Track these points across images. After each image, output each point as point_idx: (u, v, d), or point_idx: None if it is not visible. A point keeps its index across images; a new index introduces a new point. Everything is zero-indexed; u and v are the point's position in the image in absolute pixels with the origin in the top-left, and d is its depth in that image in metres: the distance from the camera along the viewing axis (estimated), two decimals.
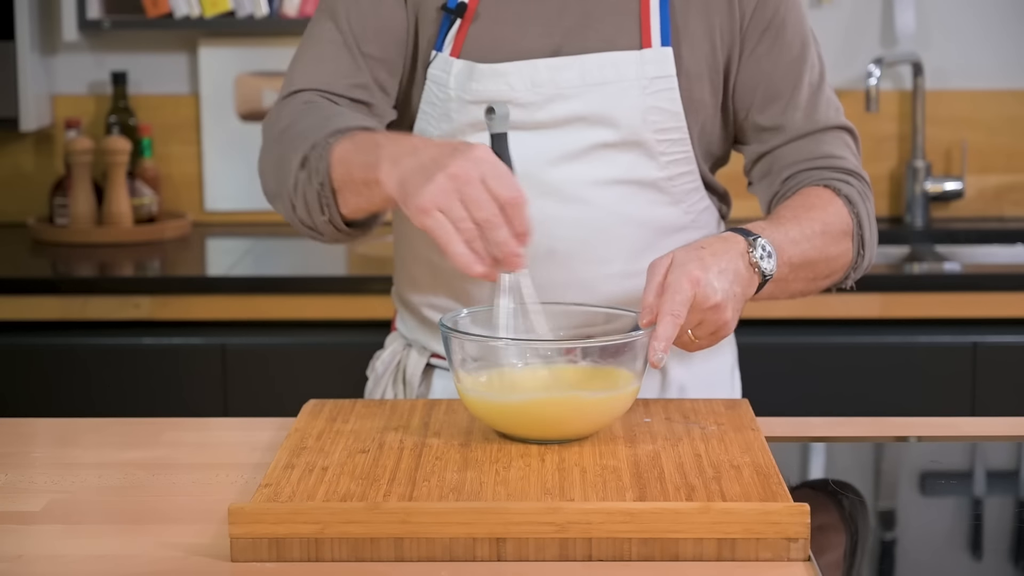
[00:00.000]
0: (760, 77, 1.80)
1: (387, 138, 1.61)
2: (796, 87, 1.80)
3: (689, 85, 1.77)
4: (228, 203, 3.49)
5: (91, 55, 3.47)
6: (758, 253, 1.62)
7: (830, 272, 1.75)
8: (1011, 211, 3.49)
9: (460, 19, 1.76)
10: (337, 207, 1.65)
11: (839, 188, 1.76)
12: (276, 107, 1.80)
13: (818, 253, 1.71)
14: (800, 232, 1.69)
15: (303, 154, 1.66)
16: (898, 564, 1.40)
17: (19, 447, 1.69)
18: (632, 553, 1.35)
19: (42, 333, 2.90)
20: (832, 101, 1.84)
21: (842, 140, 1.82)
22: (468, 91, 1.75)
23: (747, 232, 1.64)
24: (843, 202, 1.75)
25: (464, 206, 1.48)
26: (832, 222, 1.73)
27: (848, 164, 1.80)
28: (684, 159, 1.79)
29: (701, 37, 1.77)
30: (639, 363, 1.54)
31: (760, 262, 1.62)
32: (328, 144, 1.64)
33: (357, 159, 1.60)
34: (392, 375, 1.92)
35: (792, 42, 1.80)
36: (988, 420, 1.80)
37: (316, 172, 1.64)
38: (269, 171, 1.75)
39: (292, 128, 1.72)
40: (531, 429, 1.53)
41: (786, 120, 1.80)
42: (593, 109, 1.75)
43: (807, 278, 1.73)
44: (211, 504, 1.48)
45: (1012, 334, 2.87)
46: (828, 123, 1.81)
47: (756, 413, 1.66)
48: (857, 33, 3.46)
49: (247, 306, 2.90)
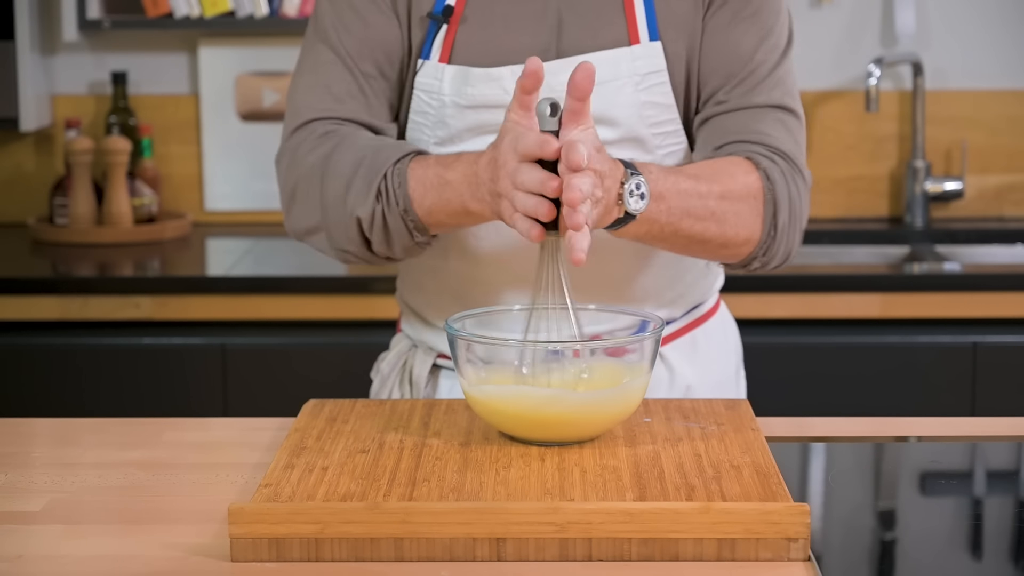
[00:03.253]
0: (717, 45, 1.77)
1: (449, 171, 1.66)
2: (748, 61, 1.77)
3: (675, 70, 1.76)
4: (228, 203, 3.49)
5: (91, 55, 3.47)
6: (629, 188, 1.58)
7: (723, 242, 1.70)
8: (1011, 211, 3.49)
9: (446, 24, 1.76)
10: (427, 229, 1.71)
11: (759, 162, 1.72)
12: (289, 142, 1.79)
13: (708, 214, 1.67)
14: (694, 188, 1.66)
15: (375, 190, 1.69)
16: (898, 564, 1.40)
17: (19, 447, 1.69)
18: (632, 553, 1.35)
19: (42, 333, 2.90)
20: (785, 82, 1.79)
21: (783, 121, 1.78)
22: (463, 96, 1.75)
23: (634, 168, 1.60)
24: (760, 176, 1.71)
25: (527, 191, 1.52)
26: (735, 189, 1.69)
27: (780, 144, 1.75)
28: (680, 150, 1.79)
29: (683, 18, 1.76)
30: (645, 363, 1.54)
31: (627, 197, 1.58)
32: (402, 172, 1.68)
33: (435, 199, 1.67)
34: (398, 376, 1.92)
35: (754, 16, 1.77)
36: (988, 420, 1.80)
37: (397, 202, 1.68)
38: (306, 208, 1.76)
39: (333, 166, 1.73)
40: (536, 431, 1.53)
41: (732, 93, 1.77)
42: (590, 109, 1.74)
43: (690, 236, 1.68)
44: (211, 504, 1.48)
45: (1012, 334, 2.87)
46: (771, 101, 1.77)
47: (756, 413, 1.66)
48: (857, 33, 3.46)
49: (247, 306, 2.90)
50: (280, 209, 1.81)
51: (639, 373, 1.54)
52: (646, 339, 1.54)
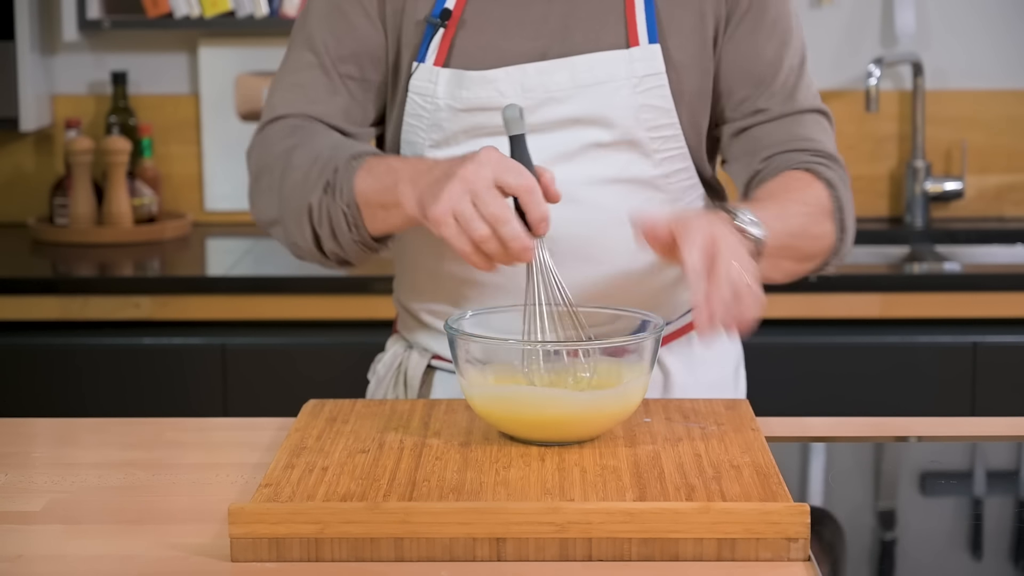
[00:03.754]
0: (742, 59, 1.79)
1: (402, 162, 1.66)
2: (777, 69, 1.79)
3: (678, 78, 1.76)
4: (228, 203, 3.49)
5: (91, 55, 3.47)
6: (742, 220, 1.60)
7: (813, 253, 1.74)
8: (1011, 211, 3.49)
9: (444, 28, 1.76)
10: (366, 229, 1.69)
11: (819, 171, 1.75)
12: (260, 135, 1.81)
13: (803, 230, 1.70)
14: (783, 210, 1.68)
15: (325, 180, 1.69)
16: (898, 564, 1.40)
17: (19, 447, 1.69)
18: (632, 553, 1.35)
19: (42, 333, 2.90)
20: (811, 84, 1.83)
21: (820, 123, 1.81)
22: (458, 99, 1.75)
23: (726, 208, 1.62)
24: (823, 185, 1.75)
25: (477, 205, 1.51)
26: (813, 203, 1.73)
27: (827, 147, 1.79)
28: (679, 156, 1.79)
29: (690, 27, 1.77)
30: (645, 364, 1.54)
31: (747, 228, 1.60)
32: (352, 167, 1.68)
33: (376, 185, 1.65)
34: (393, 377, 1.92)
35: (774, 24, 1.79)
36: (988, 420, 1.80)
37: (342, 194, 1.67)
38: (268, 198, 1.77)
39: (295, 157, 1.73)
40: (536, 432, 1.53)
41: (766, 102, 1.79)
42: (586, 111, 1.75)
43: (793, 257, 1.71)
44: (211, 504, 1.48)
45: (1012, 334, 2.87)
46: (807, 105, 1.81)
47: (756, 413, 1.66)
48: (857, 33, 3.46)
49: (247, 306, 2.90)
50: None
51: (639, 373, 1.54)
52: (646, 339, 1.54)
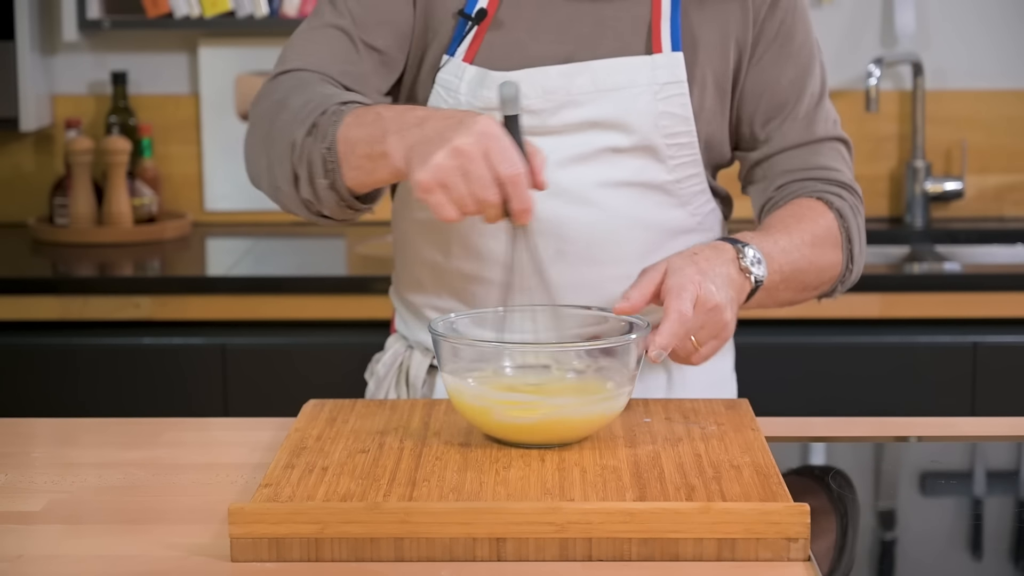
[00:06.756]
0: (765, 85, 1.81)
1: (390, 110, 1.59)
2: (799, 97, 1.82)
3: (701, 93, 1.78)
4: (228, 203, 3.49)
5: (91, 55, 3.47)
6: (748, 259, 1.65)
7: (819, 283, 1.78)
8: (1011, 211, 3.49)
9: (477, 26, 1.76)
10: (342, 177, 1.62)
11: (831, 201, 1.79)
12: (266, 85, 1.76)
13: (807, 263, 1.74)
14: (790, 242, 1.72)
15: (312, 121, 1.63)
16: (898, 564, 1.41)
17: (19, 447, 1.69)
18: (632, 553, 1.35)
19: (42, 333, 2.90)
20: (831, 112, 1.86)
21: (838, 152, 1.85)
22: (479, 98, 1.75)
23: (735, 241, 1.67)
24: (834, 215, 1.78)
25: (465, 183, 1.49)
26: (821, 234, 1.76)
27: (842, 177, 1.83)
28: (691, 162, 1.79)
29: (714, 45, 1.78)
30: (632, 365, 1.54)
31: (751, 267, 1.65)
32: (341, 111, 1.62)
33: (362, 132, 1.58)
34: (395, 377, 1.91)
35: (799, 52, 1.82)
36: (988, 420, 1.80)
37: (324, 136, 1.61)
38: (258, 146, 1.71)
39: (290, 100, 1.68)
40: (519, 435, 1.52)
41: (786, 129, 1.82)
42: (605, 115, 1.75)
43: (796, 288, 1.75)
44: (211, 504, 1.48)
45: (1012, 334, 2.87)
46: (826, 134, 1.84)
47: (756, 413, 1.66)
48: (857, 33, 3.46)
49: (247, 306, 2.90)
50: (279, 209, 1.80)
51: (625, 376, 1.54)
52: (632, 342, 1.53)
